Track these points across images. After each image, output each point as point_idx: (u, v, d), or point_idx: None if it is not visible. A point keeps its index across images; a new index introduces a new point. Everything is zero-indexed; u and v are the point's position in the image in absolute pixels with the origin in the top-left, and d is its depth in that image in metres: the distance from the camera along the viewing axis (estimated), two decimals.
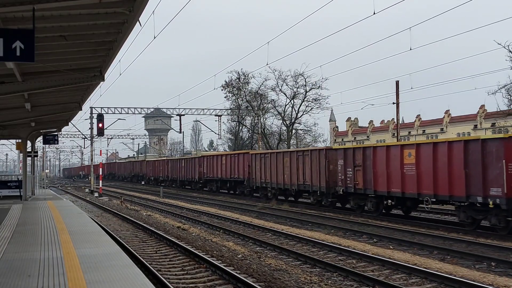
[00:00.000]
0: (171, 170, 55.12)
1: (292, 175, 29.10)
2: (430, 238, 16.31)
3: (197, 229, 19.55)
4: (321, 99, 55.92)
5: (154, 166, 63.23)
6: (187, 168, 49.28)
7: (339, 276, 11.19)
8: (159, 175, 60.26)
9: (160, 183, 58.76)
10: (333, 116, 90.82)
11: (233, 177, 38.11)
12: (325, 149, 26.99)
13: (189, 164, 48.76)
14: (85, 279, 7.35)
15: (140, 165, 72.17)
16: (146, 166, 67.31)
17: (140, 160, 75.92)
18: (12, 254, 9.57)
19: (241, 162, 36.71)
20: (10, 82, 14.00)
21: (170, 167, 55.77)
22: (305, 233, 17.69)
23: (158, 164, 61.84)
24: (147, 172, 66.06)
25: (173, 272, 11.76)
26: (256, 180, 33.82)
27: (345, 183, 24.06)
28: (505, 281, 10.43)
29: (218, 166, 40.85)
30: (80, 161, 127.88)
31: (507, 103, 37.01)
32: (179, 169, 52.16)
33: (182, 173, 51.02)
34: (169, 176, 56.09)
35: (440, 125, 75.51)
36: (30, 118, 22.90)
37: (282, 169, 30.19)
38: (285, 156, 30.14)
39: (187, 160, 50.55)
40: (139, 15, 9.76)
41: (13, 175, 46.83)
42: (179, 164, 52.21)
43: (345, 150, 24.92)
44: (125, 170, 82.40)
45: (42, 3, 8.37)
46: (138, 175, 72.13)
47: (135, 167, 75.26)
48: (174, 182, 54.99)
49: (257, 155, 34.08)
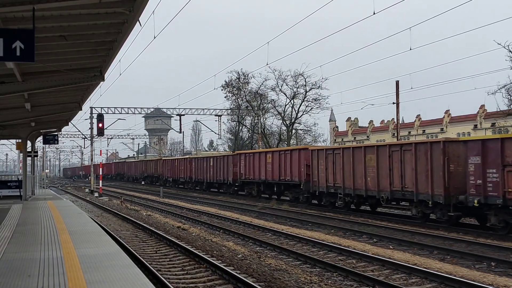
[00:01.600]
0: (196, 171, 47.26)
1: (381, 178, 22.02)
2: (430, 238, 16.31)
3: (197, 229, 19.55)
4: (321, 99, 56.05)
5: (173, 165, 54.88)
6: (217, 168, 41.93)
7: (339, 276, 11.19)
8: (179, 176, 52.57)
9: (181, 185, 53.28)
10: (333, 116, 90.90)
11: (284, 179, 30.73)
12: (442, 141, 19.18)
13: (220, 164, 41.24)
14: (85, 279, 7.36)
15: (155, 164, 63.40)
16: (163, 165, 59.10)
17: (155, 159, 66.85)
18: (12, 254, 9.57)
19: (295, 160, 29.53)
20: (10, 82, 14.00)
21: (194, 167, 47.76)
22: (305, 233, 17.69)
23: (179, 163, 53.20)
24: (164, 172, 58.19)
25: (173, 272, 11.76)
26: (320, 183, 26.49)
27: (483, 190, 16.81)
28: (505, 281, 10.43)
29: (261, 165, 33.62)
30: (80, 161, 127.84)
31: (507, 103, 37.08)
32: (206, 169, 44.61)
33: (210, 174, 43.57)
34: (193, 177, 48.03)
35: (440, 125, 75.58)
36: (30, 118, 22.90)
37: (362, 170, 23.11)
38: (369, 152, 22.99)
39: (218, 158, 42.42)
40: (139, 15, 9.76)
41: (13, 175, 46.83)
42: (207, 163, 44.55)
43: (484, 142, 17.25)
44: (136, 170, 73.78)
45: (42, 3, 8.37)
46: (153, 176, 64.09)
47: (149, 167, 66.62)
48: (199, 184, 47.42)
49: (321, 151, 27.04)
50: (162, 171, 58.99)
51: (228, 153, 48.12)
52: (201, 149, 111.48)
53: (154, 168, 63.21)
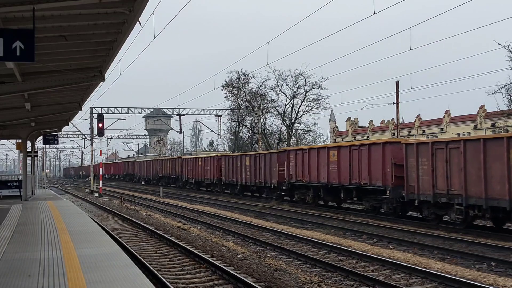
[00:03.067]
0: (227, 171, 40.05)
1: None
2: (430, 238, 16.31)
3: (197, 229, 19.55)
4: (321, 99, 55.99)
5: (196, 165, 47.46)
6: (256, 168, 34.81)
7: (339, 276, 11.19)
8: (203, 177, 45.38)
9: (206, 188, 46.60)
10: (333, 116, 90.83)
11: (358, 183, 23.46)
12: None
13: (260, 163, 34.27)
14: (85, 279, 7.36)
15: (173, 164, 55.72)
16: (183, 165, 51.33)
17: (174, 158, 59.28)
18: (12, 254, 9.57)
19: (377, 158, 22.36)
20: (10, 82, 14.01)
21: (224, 166, 40.66)
22: (305, 233, 17.69)
23: (204, 162, 45.56)
24: (184, 173, 50.77)
25: (173, 272, 11.75)
26: (420, 189, 19.47)
27: None
28: (505, 281, 10.43)
29: (322, 164, 26.24)
30: (80, 161, 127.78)
31: (507, 103, 37.10)
32: (240, 170, 37.53)
33: (246, 176, 36.43)
34: (223, 179, 40.85)
35: (440, 125, 75.54)
36: (30, 118, 22.91)
37: (507, 169, 16.12)
38: None
39: (257, 157, 35.34)
40: (139, 15, 9.77)
41: (13, 175, 46.85)
42: (241, 163, 37.46)
43: None
44: (149, 170, 66.32)
45: (42, 3, 8.38)
46: (170, 177, 56.92)
47: (164, 166, 58.89)
48: (230, 187, 40.31)
49: (423, 146, 19.82)
50: (182, 172, 51.50)
51: (272, 151, 42.06)
52: (201, 149, 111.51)
53: (171, 168, 55.69)
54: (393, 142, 22.44)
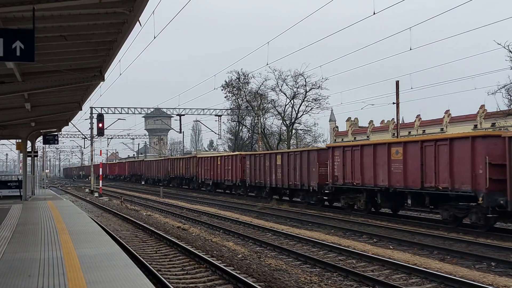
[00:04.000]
0: (253, 172, 35.11)
1: None
2: (430, 238, 16.31)
3: (197, 229, 19.55)
4: (321, 99, 55.99)
5: (214, 164, 42.35)
6: (290, 168, 29.87)
7: (339, 276, 11.19)
8: (223, 178, 40.55)
9: (226, 190, 41.98)
10: (333, 116, 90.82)
11: (434, 187, 18.81)
12: None
13: (296, 162, 29.28)
14: (85, 279, 7.36)
15: (186, 163, 50.25)
16: (199, 164, 46.15)
17: (187, 157, 53.29)
18: (12, 254, 9.57)
19: (463, 156, 17.75)
20: (10, 82, 14.01)
21: (250, 166, 35.62)
22: (305, 233, 17.69)
23: (225, 162, 40.31)
24: (200, 173, 45.89)
25: (173, 272, 11.76)
26: None
27: None
28: (505, 281, 10.43)
29: (379, 164, 21.69)
30: (80, 161, 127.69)
31: (507, 103, 37.08)
32: (269, 170, 32.54)
33: (277, 177, 31.59)
34: (248, 180, 36.05)
35: (440, 125, 75.52)
36: (30, 118, 22.91)
37: None
38: None
39: (292, 155, 30.16)
40: (139, 15, 9.77)
41: (13, 175, 46.85)
42: (270, 162, 32.42)
43: None
44: (158, 171, 61.02)
45: (42, 3, 8.39)
46: (183, 178, 52.12)
47: (177, 166, 53.56)
48: (257, 189, 35.52)
49: None
50: (198, 172, 46.42)
51: (311, 148, 36.98)
52: (201, 149, 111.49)
53: (185, 168, 50.32)
54: (487, 136, 17.43)
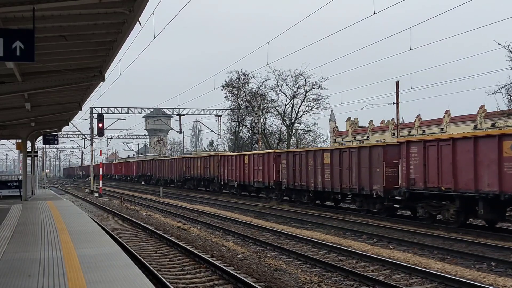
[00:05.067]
0: (290, 173, 29.53)
1: None
2: (430, 238, 16.31)
3: (197, 229, 19.55)
4: (321, 99, 56.01)
5: (240, 164, 37.23)
6: (343, 168, 24.75)
7: (339, 276, 11.18)
8: (252, 180, 35.11)
9: (256, 193, 36.65)
10: (333, 116, 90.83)
11: None
12: None
13: (352, 161, 24.16)
14: (85, 279, 7.36)
15: (205, 163, 44.83)
16: (221, 164, 41.08)
17: (207, 156, 47.04)
18: (12, 254, 9.57)
19: None
20: (10, 82, 14.01)
21: (287, 166, 29.93)
22: (305, 233, 17.69)
23: (253, 161, 35.14)
24: (223, 173, 40.63)
25: (173, 272, 11.76)
26: None
27: None
28: (505, 281, 10.43)
29: (483, 164, 17.05)
30: (80, 161, 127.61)
31: (507, 103, 37.07)
32: (313, 171, 27.17)
33: (324, 179, 26.16)
34: (283, 182, 30.46)
35: (440, 125, 75.53)
36: (30, 118, 22.92)
37: None
38: None
39: (346, 152, 24.99)
40: (139, 15, 9.77)
41: (13, 175, 46.84)
42: (316, 161, 27.07)
43: None
44: (171, 171, 55.15)
45: (42, 3, 8.39)
46: (201, 179, 46.65)
47: (193, 166, 47.80)
48: (295, 193, 29.84)
49: None
50: (220, 172, 41.52)
51: (374, 143, 32.05)
52: (201, 149, 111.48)
53: (204, 167, 45.13)
54: None
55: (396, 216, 22.21)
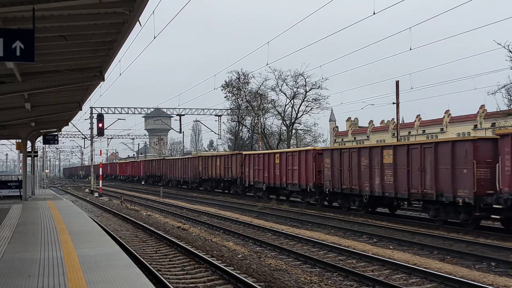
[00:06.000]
0: (336, 173, 24.87)
1: None
2: (430, 238, 16.31)
3: (197, 229, 19.55)
4: (321, 99, 56.09)
5: (270, 164, 32.31)
6: (413, 169, 20.10)
7: (339, 276, 11.19)
8: (285, 182, 30.20)
9: (287, 197, 31.97)
10: (333, 116, 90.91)
11: None
12: None
13: (424, 160, 19.60)
14: (85, 279, 7.36)
15: (226, 162, 39.91)
16: (245, 164, 36.12)
17: (227, 154, 42.36)
18: (12, 254, 9.57)
19: None
20: (10, 82, 14.02)
21: (331, 166, 25.32)
22: (305, 233, 17.69)
23: (286, 160, 30.33)
24: (248, 174, 35.61)
25: (173, 272, 11.76)
26: None
27: None
28: (505, 281, 10.43)
29: None
30: (80, 161, 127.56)
31: (507, 103, 37.09)
32: (369, 172, 22.48)
33: (384, 181, 21.48)
34: (327, 185, 25.71)
35: (440, 125, 75.55)
36: (30, 118, 22.92)
37: None
38: None
39: (413, 149, 20.38)
40: (139, 15, 9.78)
41: (13, 175, 46.84)
42: (372, 160, 22.40)
43: None
44: (185, 171, 50.13)
45: (42, 3, 8.39)
46: (221, 180, 41.44)
47: (211, 166, 43.01)
48: (342, 197, 25.10)
49: None
50: (244, 173, 36.44)
51: (460, 138, 26.44)
52: (201, 149, 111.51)
53: (225, 167, 40.06)
54: None
55: (481, 229, 17.81)
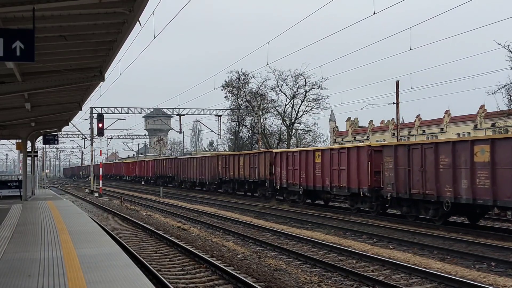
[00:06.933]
0: (401, 175, 20.60)
1: None
2: (430, 238, 16.31)
3: (197, 229, 19.55)
4: (321, 99, 56.05)
5: (307, 162, 27.65)
6: None
7: (339, 276, 11.19)
8: (331, 185, 25.46)
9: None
10: (333, 116, 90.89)
11: None
12: None
13: None
14: (85, 279, 7.36)
15: (252, 162, 35.22)
16: (278, 163, 30.96)
17: (255, 152, 36.80)
18: (12, 254, 9.57)
19: None
20: (10, 82, 14.01)
21: (393, 166, 21.03)
22: (305, 233, 17.69)
23: (332, 159, 25.67)
24: (281, 175, 30.41)
25: (173, 272, 11.76)
26: None
27: None
28: (505, 281, 10.43)
29: None
30: (80, 161, 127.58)
31: (507, 103, 37.05)
32: (452, 173, 17.96)
33: (476, 185, 17.02)
34: (387, 188, 21.33)
35: (440, 125, 75.57)
36: (30, 118, 22.92)
37: None
38: None
39: None
40: (139, 15, 9.78)
41: (13, 175, 46.84)
42: (457, 157, 17.89)
43: None
44: (201, 172, 45.39)
45: (42, 3, 8.39)
46: (245, 181, 36.59)
47: (235, 166, 37.99)
48: (408, 204, 20.57)
49: None
50: (275, 173, 31.42)
51: None
52: (201, 149, 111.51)
53: (250, 167, 35.41)
54: None
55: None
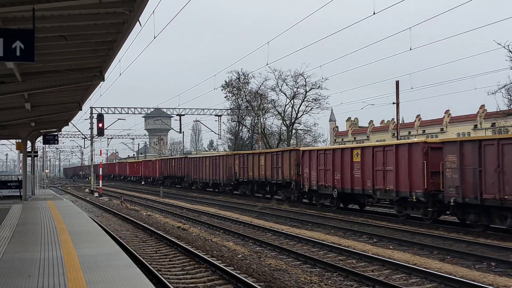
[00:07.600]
0: (477, 176, 16.75)
1: None
2: (430, 238, 16.30)
3: (197, 229, 19.55)
4: (321, 99, 56.07)
5: (342, 161, 24.60)
6: None
7: (339, 276, 11.19)
8: (374, 188, 22.32)
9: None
10: (333, 116, 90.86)
11: None
12: None
13: None
14: (85, 279, 7.36)
15: (274, 161, 31.93)
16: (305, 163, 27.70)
17: (278, 150, 33.30)
18: (12, 254, 9.57)
19: None
20: (10, 82, 14.01)
21: (464, 164, 17.27)
22: (305, 233, 17.69)
23: (375, 157, 22.41)
24: (309, 176, 27.21)
25: (173, 272, 11.76)
26: None
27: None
28: (505, 281, 10.43)
29: None
30: (80, 161, 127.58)
31: (507, 103, 37.04)
32: None
33: None
34: (457, 193, 17.42)
35: (440, 125, 75.55)
36: (30, 118, 22.91)
37: None
38: None
39: None
40: (139, 15, 9.78)
41: (13, 175, 46.83)
42: None
43: None
44: (216, 172, 41.40)
45: (42, 3, 8.39)
46: (267, 182, 33.11)
47: (254, 165, 34.48)
48: (492, 212, 16.74)
49: None
50: (303, 174, 27.96)
51: None
52: (201, 149, 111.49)
53: (273, 167, 31.97)
54: None
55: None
